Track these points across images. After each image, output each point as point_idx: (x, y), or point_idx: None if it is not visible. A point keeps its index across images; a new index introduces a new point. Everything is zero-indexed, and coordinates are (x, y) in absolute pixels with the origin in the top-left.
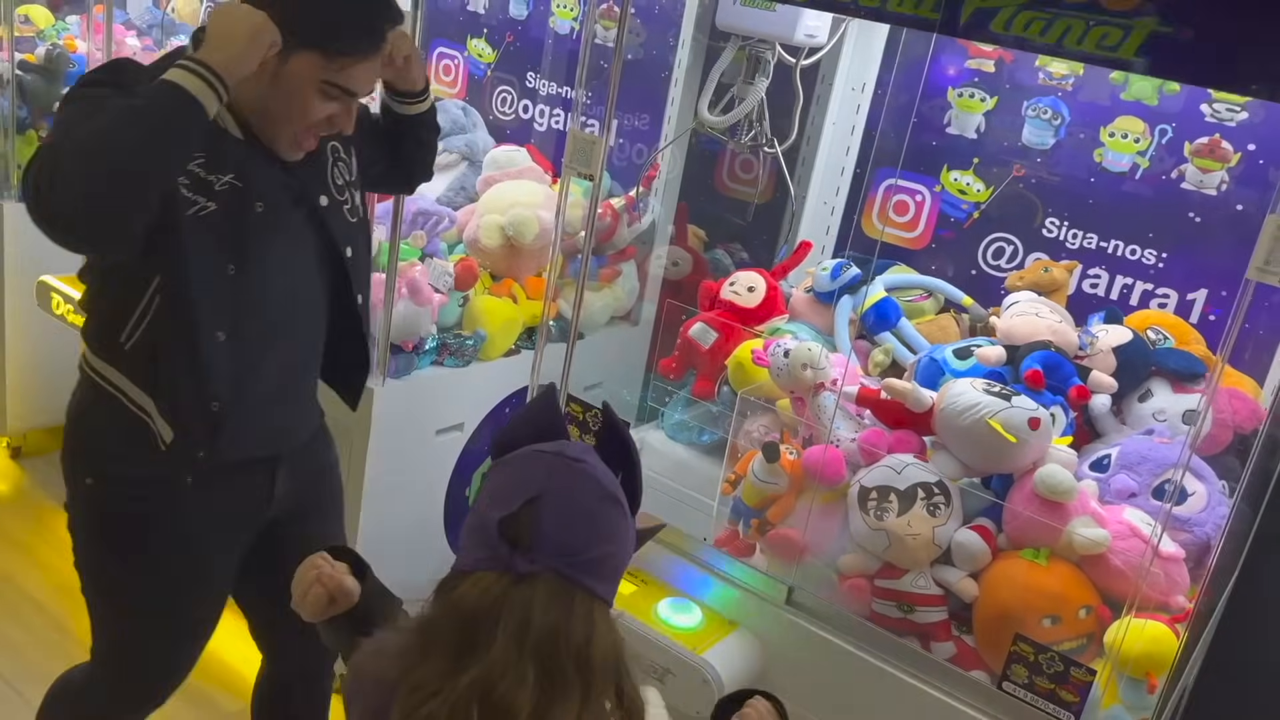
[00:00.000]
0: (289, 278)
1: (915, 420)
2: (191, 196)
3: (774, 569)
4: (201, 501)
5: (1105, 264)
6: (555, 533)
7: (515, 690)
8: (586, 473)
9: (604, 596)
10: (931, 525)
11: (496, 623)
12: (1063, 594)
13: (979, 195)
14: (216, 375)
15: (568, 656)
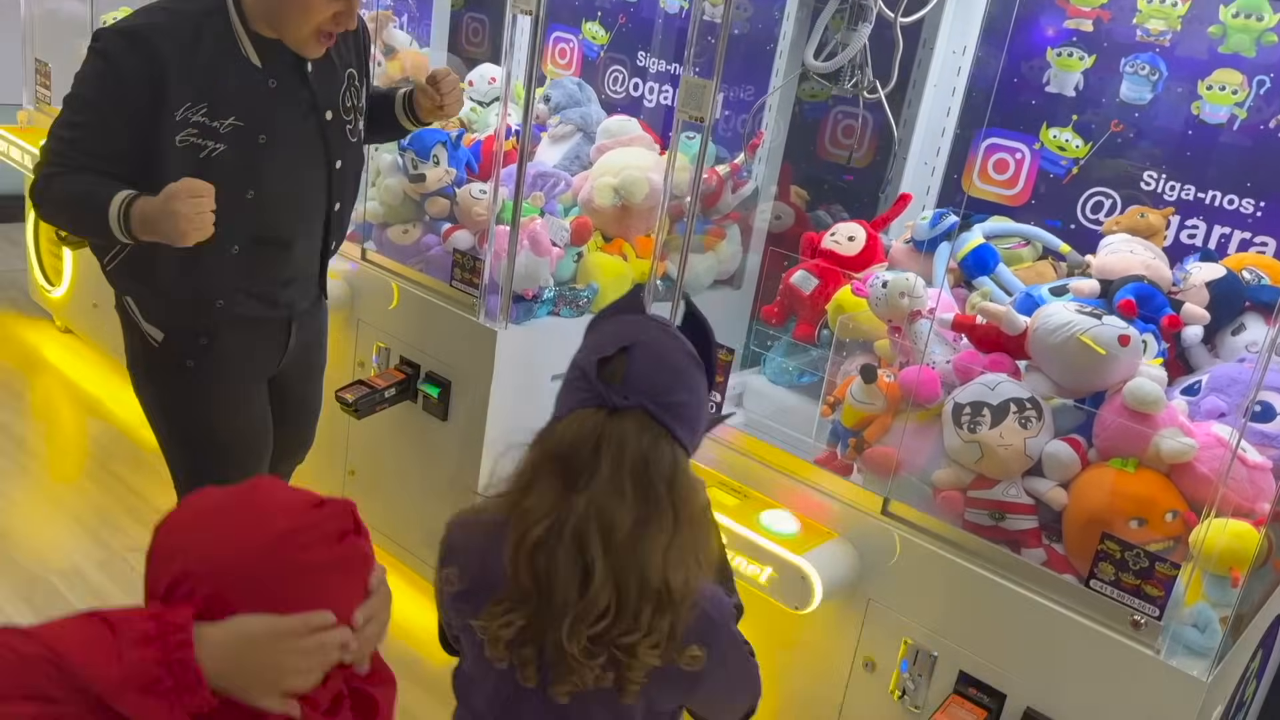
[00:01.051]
0: (298, 188)
1: (1009, 345)
2: (200, 142)
3: (870, 484)
4: (235, 350)
5: (1203, 214)
6: (645, 375)
7: (617, 507)
8: (673, 332)
9: (684, 441)
10: (1023, 437)
11: (598, 449)
12: (1149, 498)
13: (1078, 151)
14: (223, 280)
15: (660, 481)
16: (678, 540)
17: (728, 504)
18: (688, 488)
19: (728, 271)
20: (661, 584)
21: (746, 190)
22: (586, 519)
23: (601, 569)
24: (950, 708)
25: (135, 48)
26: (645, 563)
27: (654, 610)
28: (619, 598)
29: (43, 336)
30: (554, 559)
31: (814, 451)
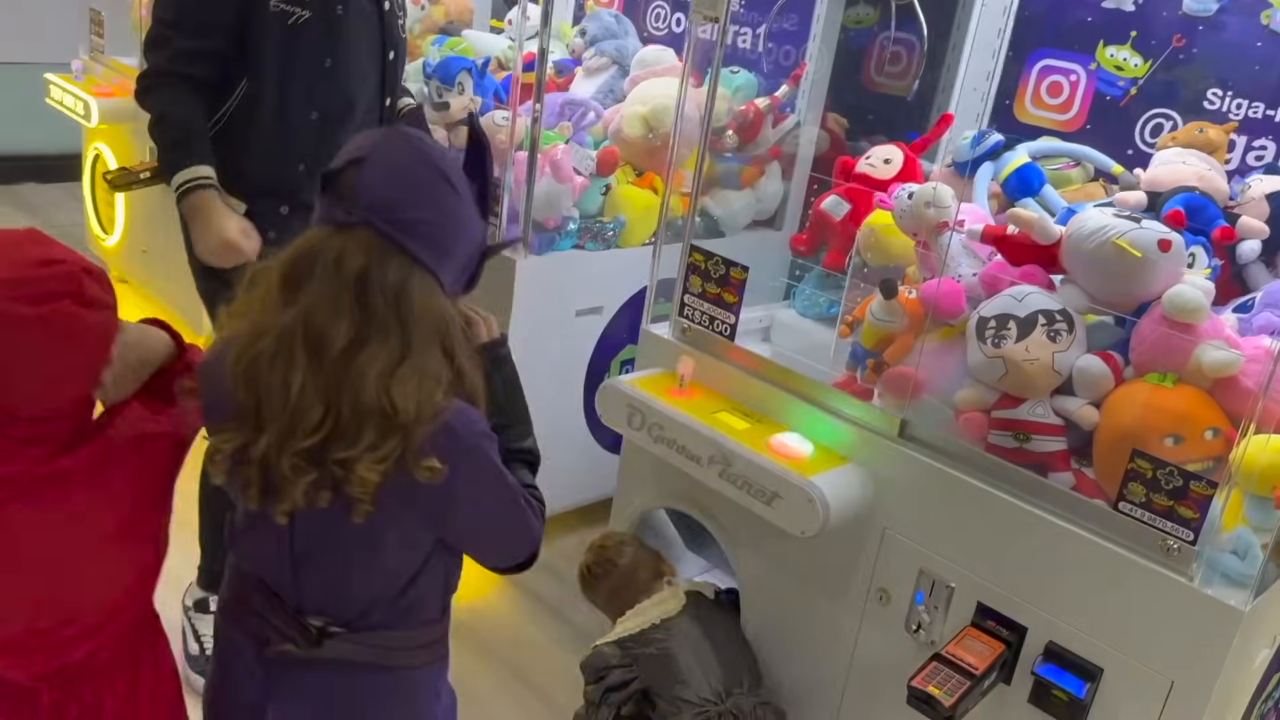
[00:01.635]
0: (362, 69)
1: (1043, 257)
2: (288, 8)
3: (888, 406)
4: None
5: (1273, 134)
6: (374, 189)
7: (331, 322)
8: (415, 144)
9: (426, 262)
10: (1051, 351)
11: (314, 264)
12: (1188, 413)
13: (1136, 70)
14: (304, 146)
15: (382, 300)
16: (409, 362)
17: (738, 427)
18: (422, 309)
19: (767, 211)
20: (382, 405)
21: (788, 124)
22: (295, 333)
23: (310, 384)
24: (965, 639)
25: None
26: (360, 382)
27: (378, 431)
28: (334, 415)
29: None
30: (266, 373)
31: (835, 378)
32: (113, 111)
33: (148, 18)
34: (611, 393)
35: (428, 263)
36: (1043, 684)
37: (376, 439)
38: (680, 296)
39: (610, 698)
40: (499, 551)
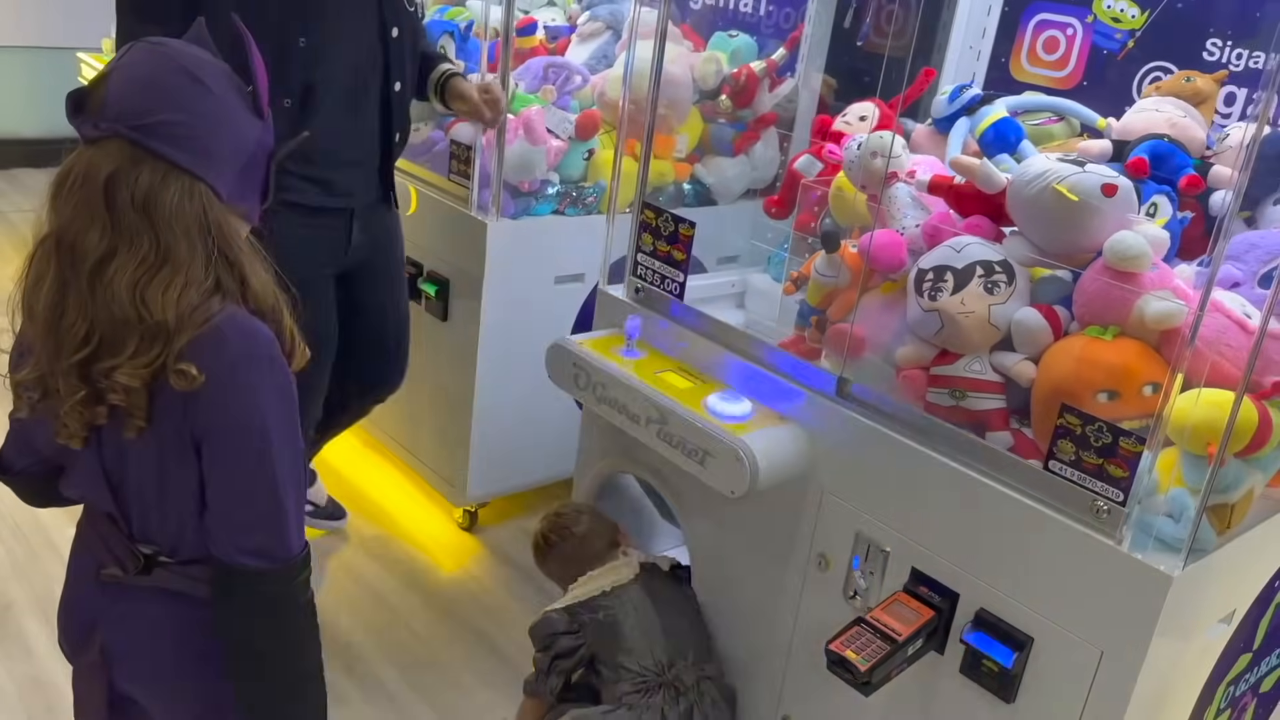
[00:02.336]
0: (354, 53)
1: (991, 207)
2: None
3: (832, 365)
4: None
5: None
6: (119, 99)
7: (83, 235)
8: (162, 49)
9: (187, 166)
10: (987, 303)
11: (65, 181)
12: (1124, 366)
13: (1134, 22)
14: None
15: (132, 206)
16: (167, 269)
17: (679, 386)
18: (179, 212)
19: (763, 180)
20: (139, 312)
21: (785, 89)
22: (51, 251)
23: (72, 300)
24: (893, 605)
25: None
26: (112, 292)
27: (140, 339)
28: (98, 329)
29: None
30: (38, 294)
31: (778, 325)
32: None
33: None
34: (558, 352)
35: (188, 166)
36: (972, 653)
37: (139, 346)
38: (634, 255)
39: (559, 665)
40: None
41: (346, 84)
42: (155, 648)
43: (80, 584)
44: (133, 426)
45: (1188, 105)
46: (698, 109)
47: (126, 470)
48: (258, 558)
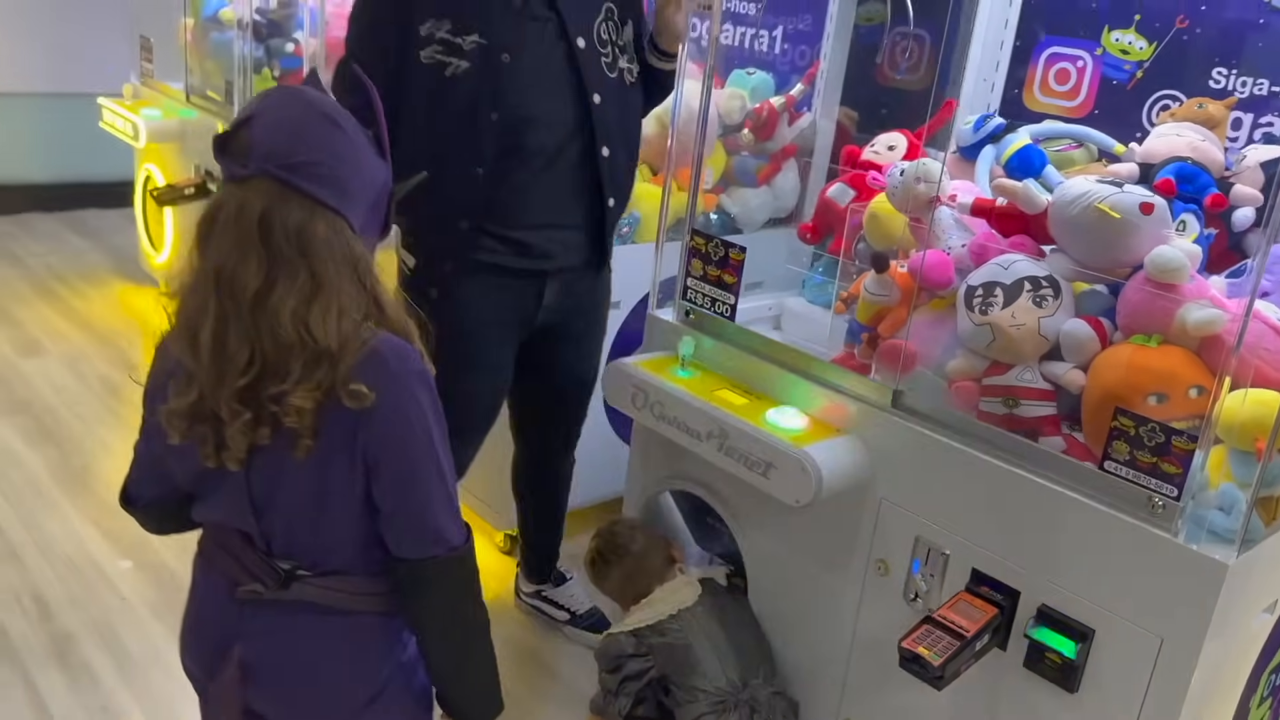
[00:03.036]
0: (545, 117)
1: (1032, 227)
2: (444, 59)
3: (884, 378)
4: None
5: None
6: (265, 141)
7: (241, 269)
8: (301, 95)
9: (329, 202)
10: (1037, 316)
11: (219, 218)
12: (1171, 371)
13: (1141, 54)
14: (467, 203)
15: (286, 239)
16: (322, 297)
17: (734, 403)
18: (328, 244)
19: (785, 209)
20: (302, 338)
21: (804, 122)
22: (213, 284)
23: (234, 330)
24: (958, 604)
25: None
26: (276, 320)
27: (303, 363)
28: (259, 356)
29: (150, 303)
30: (195, 329)
31: (830, 341)
32: (159, 131)
33: (193, 44)
34: (616, 373)
35: (329, 202)
36: (1036, 646)
37: (304, 371)
38: (683, 280)
39: (627, 687)
40: (411, 520)
41: (543, 152)
42: (297, 659)
43: (212, 604)
44: (302, 446)
45: (1206, 130)
46: (721, 142)
47: (277, 490)
48: (443, 546)
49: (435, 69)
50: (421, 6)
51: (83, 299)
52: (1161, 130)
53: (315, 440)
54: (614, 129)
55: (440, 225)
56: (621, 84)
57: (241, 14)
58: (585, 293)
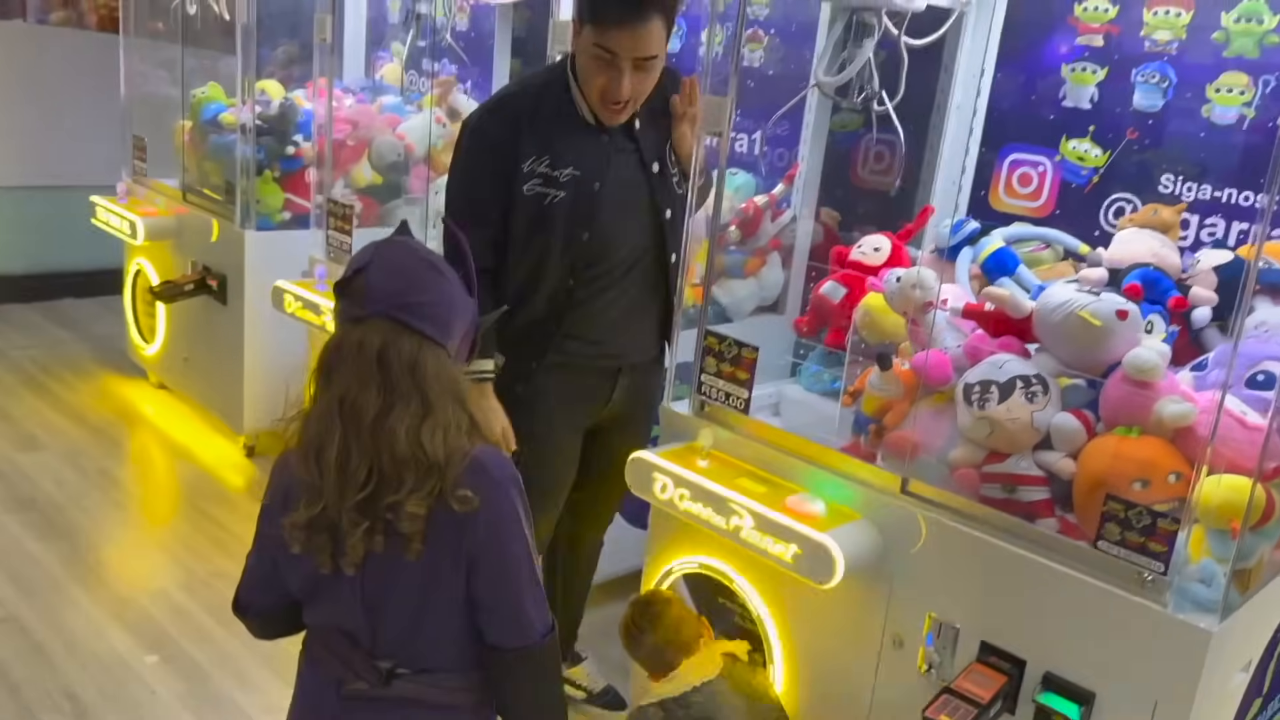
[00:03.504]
0: (626, 233)
1: (1017, 328)
2: (544, 190)
3: (891, 466)
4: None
5: (1221, 212)
6: (381, 286)
7: (362, 396)
8: (406, 245)
9: (433, 336)
10: (1030, 411)
11: (342, 352)
12: (1152, 460)
13: (1097, 160)
14: (558, 309)
15: (400, 370)
16: (432, 417)
17: (755, 491)
18: (434, 374)
19: (770, 298)
20: (415, 453)
21: (785, 219)
22: (337, 410)
23: (355, 449)
24: (971, 673)
25: (495, 115)
26: (394, 439)
27: (416, 475)
28: (376, 471)
29: (139, 393)
30: (320, 450)
31: (841, 444)
32: (157, 229)
33: (190, 145)
34: (640, 464)
35: (435, 337)
36: (1043, 710)
37: (416, 482)
38: (698, 376)
39: None
40: (505, 611)
41: (624, 263)
42: None
43: (317, 701)
44: (413, 550)
45: (1162, 236)
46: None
47: (388, 591)
48: (533, 635)
49: (536, 199)
50: (525, 147)
51: (72, 391)
52: (1124, 236)
53: (424, 544)
54: (679, 236)
55: (531, 332)
56: (682, 198)
57: (245, 120)
58: (648, 386)
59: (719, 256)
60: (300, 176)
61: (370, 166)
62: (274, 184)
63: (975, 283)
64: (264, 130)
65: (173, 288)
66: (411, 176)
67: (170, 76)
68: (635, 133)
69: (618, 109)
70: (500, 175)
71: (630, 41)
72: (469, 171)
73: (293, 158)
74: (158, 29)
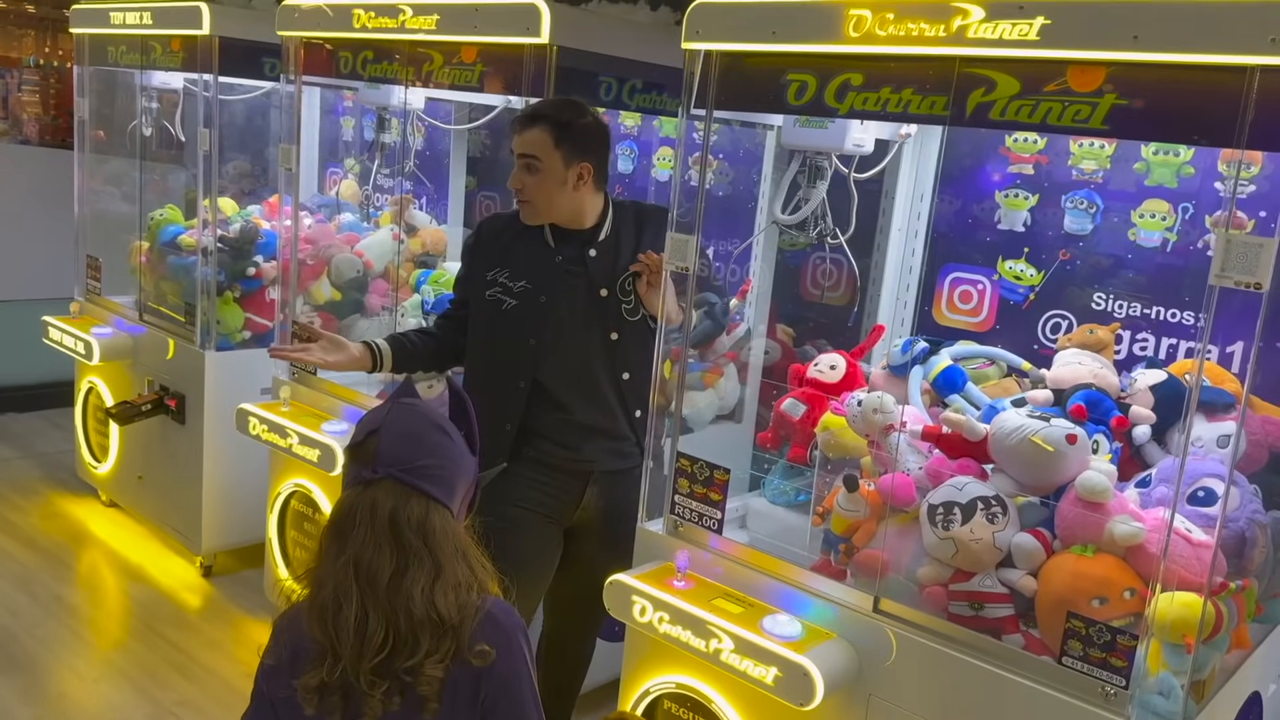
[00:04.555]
0: (574, 347)
1: (974, 450)
2: (500, 297)
3: (862, 586)
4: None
5: (1150, 328)
6: (391, 450)
7: (376, 559)
8: (415, 408)
9: (439, 498)
10: (991, 531)
11: (354, 516)
12: (1107, 578)
13: (1032, 279)
14: (512, 410)
15: (411, 532)
16: (443, 577)
17: (732, 612)
18: (442, 534)
19: (728, 406)
20: (430, 615)
21: (739, 332)
22: (353, 574)
23: (372, 612)
24: None
25: (478, 230)
26: (410, 601)
27: (432, 637)
28: (393, 633)
29: (89, 511)
30: (336, 612)
31: (811, 561)
32: (112, 349)
33: (147, 265)
34: (618, 588)
35: (440, 498)
36: None
37: (433, 643)
38: (671, 496)
39: None
40: None
41: (576, 374)
42: None
43: None
44: (430, 709)
45: (1100, 357)
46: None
47: None
48: None
49: (495, 304)
50: (488, 258)
51: (19, 511)
52: (1066, 358)
53: (440, 702)
54: (634, 358)
55: (492, 428)
56: (644, 324)
57: (205, 243)
58: (623, 497)
59: None
60: (260, 295)
61: (330, 284)
62: (234, 304)
63: (925, 397)
64: (224, 251)
65: (129, 409)
66: (370, 292)
67: (121, 192)
68: (589, 258)
69: (521, 206)
70: (470, 279)
71: (517, 142)
72: (461, 268)
73: (253, 278)
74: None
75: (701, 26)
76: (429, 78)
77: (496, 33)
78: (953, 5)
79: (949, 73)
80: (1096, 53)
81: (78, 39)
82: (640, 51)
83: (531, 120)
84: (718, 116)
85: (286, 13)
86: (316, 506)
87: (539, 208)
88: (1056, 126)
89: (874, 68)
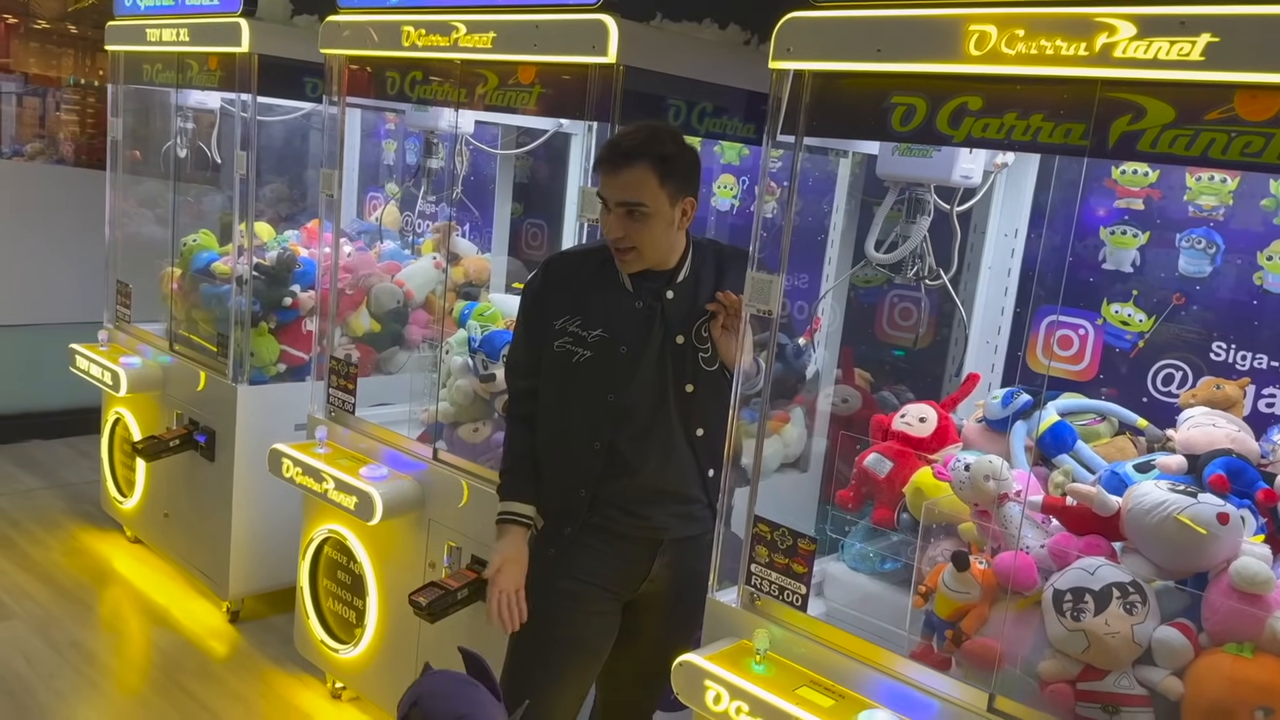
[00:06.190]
0: (650, 401)
1: (1102, 526)
2: (572, 349)
3: (972, 678)
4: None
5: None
6: (435, 710)
7: None
8: (443, 673)
9: None
10: (1130, 623)
11: None
12: (1273, 685)
13: (1141, 325)
14: (587, 472)
15: None
16: None
17: (822, 705)
18: None
19: (793, 455)
20: None
21: (808, 374)
22: None
23: None
24: None
25: (541, 274)
26: None
27: None
28: None
29: (113, 548)
30: None
31: (906, 643)
32: (140, 380)
33: (179, 293)
34: (689, 670)
35: None
36: None
37: None
38: (747, 566)
39: None
40: None
41: (650, 431)
42: None
43: None
44: None
45: (1235, 418)
46: None
47: None
48: None
49: (565, 356)
50: (559, 304)
51: (40, 546)
52: (1196, 419)
53: None
54: (711, 411)
55: (563, 492)
56: (721, 375)
57: (240, 271)
58: (691, 566)
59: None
60: (297, 326)
61: (369, 314)
62: (270, 335)
63: (1029, 454)
64: (259, 279)
65: (157, 444)
66: (410, 323)
67: (154, 216)
68: (667, 303)
69: (621, 255)
70: (537, 330)
71: (614, 186)
72: (519, 325)
73: (289, 309)
74: (140, 163)
75: (793, 44)
76: (482, 99)
77: (559, 52)
78: (1096, 20)
79: (1089, 97)
80: (1274, 75)
81: (112, 56)
82: (708, 72)
83: (627, 158)
84: (806, 144)
85: (331, 29)
86: (351, 555)
87: (645, 255)
88: (1221, 161)
89: (997, 90)
